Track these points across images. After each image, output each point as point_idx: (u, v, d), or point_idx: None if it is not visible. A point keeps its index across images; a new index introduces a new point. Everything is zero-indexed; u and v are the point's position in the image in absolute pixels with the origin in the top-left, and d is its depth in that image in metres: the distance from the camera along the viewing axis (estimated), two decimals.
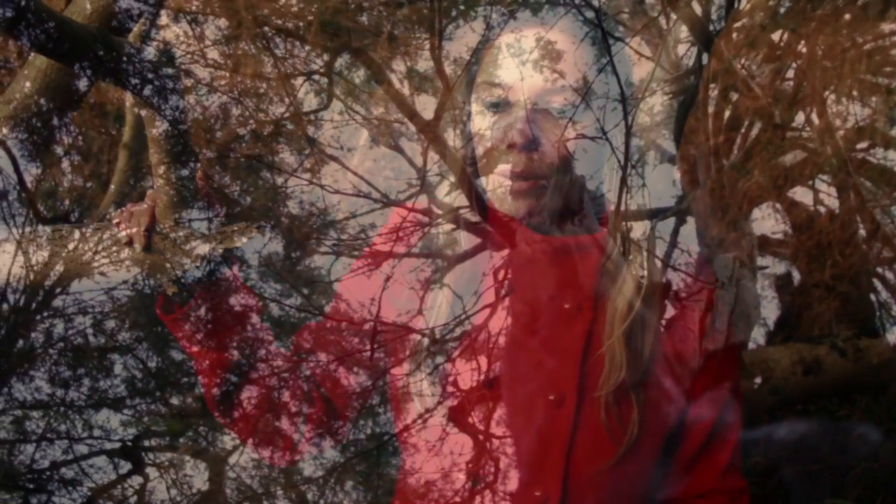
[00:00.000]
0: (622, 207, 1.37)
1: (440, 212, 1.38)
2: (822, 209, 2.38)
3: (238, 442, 2.57)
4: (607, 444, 1.19)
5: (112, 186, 1.38)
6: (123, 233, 1.22)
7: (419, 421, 1.31)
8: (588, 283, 1.27)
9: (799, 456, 1.82)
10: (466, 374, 1.31)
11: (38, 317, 2.55)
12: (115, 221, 1.22)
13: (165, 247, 1.20)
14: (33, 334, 2.55)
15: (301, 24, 2.20)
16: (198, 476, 2.61)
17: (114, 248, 1.23)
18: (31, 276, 2.53)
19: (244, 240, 1.22)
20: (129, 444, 2.58)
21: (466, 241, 1.37)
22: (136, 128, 1.40)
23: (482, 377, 1.29)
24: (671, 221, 2.52)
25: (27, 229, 2.41)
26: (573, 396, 1.20)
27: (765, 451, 1.81)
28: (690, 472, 1.24)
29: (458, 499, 1.29)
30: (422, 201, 1.41)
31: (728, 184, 2.23)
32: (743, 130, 2.36)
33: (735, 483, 1.25)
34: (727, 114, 2.34)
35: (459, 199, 1.35)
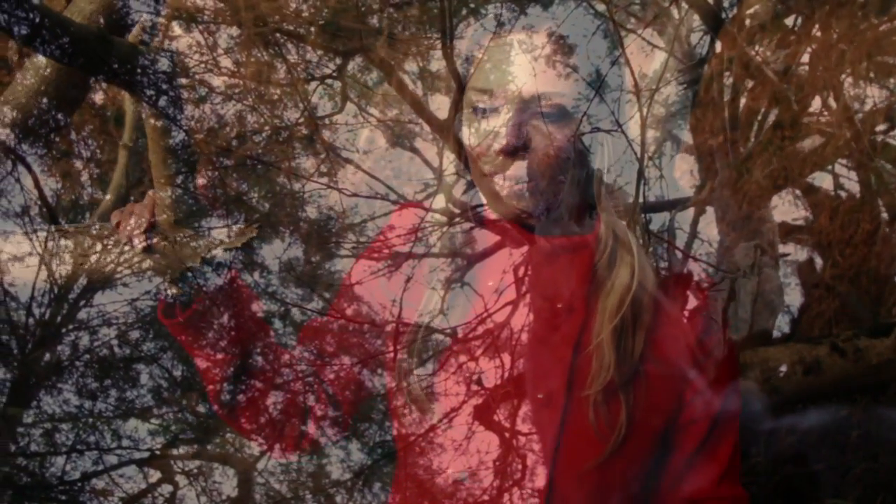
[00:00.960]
0: (640, 199, 1.37)
1: (458, 210, 1.38)
2: (842, 194, 2.36)
3: (265, 447, 2.58)
4: (595, 443, 1.18)
5: (111, 186, 1.39)
6: (123, 233, 1.21)
7: (443, 421, 1.32)
8: (580, 283, 1.26)
9: (828, 440, 1.81)
10: (490, 372, 1.31)
11: (64, 329, 2.57)
12: (114, 221, 1.22)
13: (165, 247, 1.20)
14: (59, 347, 2.58)
15: (312, 28, 2.21)
16: (227, 482, 2.63)
17: (114, 248, 1.23)
18: (56, 290, 2.55)
19: (244, 240, 1.21)
20: (158, 452, 2.60)
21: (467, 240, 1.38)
22: (136, 128, 1.40)
23: (496, 375, 1.29)
24: (690, 212, 2.52)
25: (49, 243, 2.43)
26: (561, 395, 1.19)
27: (798, 439, 1.80)
28: (685, 478, 1.22)
29: (453, 496, 1.30)
30: (439, 201, 1.41)
31: (746, 172, 2.22)
32: (759, 118, 2.35)
33: (733, 491, 1.21)
34: (743, 102, 2.33)
35: (457, 202, 1.36)
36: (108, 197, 1.38)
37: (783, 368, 1.76)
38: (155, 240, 1.21)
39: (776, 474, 1.77)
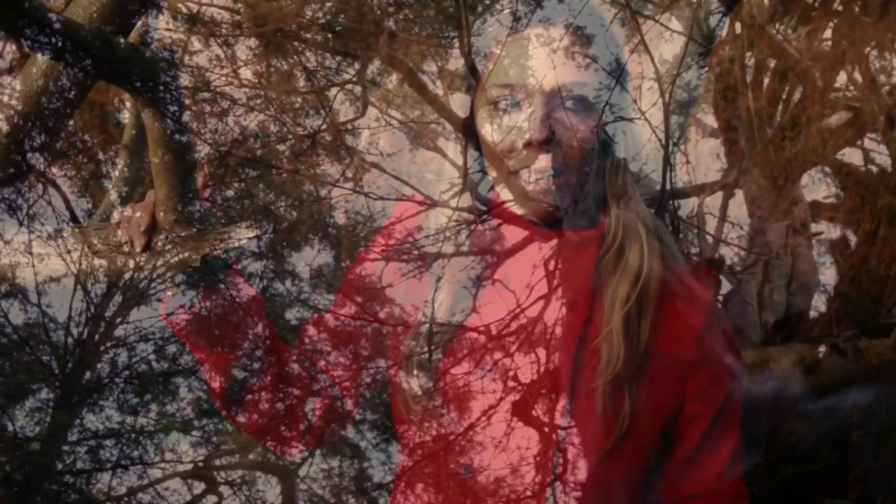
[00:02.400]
0: (667, 186, 1.36)
1: (482, 208, 1.37)
2: (873, 168, 2.33)
3: (307, 453, 2.60)
4: (600, 435, 1.18)
5: (112, 186, 1.39)
6: (123, 233, 1.22)
7: (484, 418, 1.32)
8: (585, 277, 1.26)
9: (872, 420, 1.80)
10: (526, 367, 1.30)
11: (102, 347, 2.60)
12: (115, 222, 1.22)
13: (165, 247, 1.20)
14: (99, 365, 2.61)
15: (330, 35, 2.22)
16: (270, 490, 2.65)
17: (114, 249, 1.24)
18: (92, 309, 2.58)
19: (243, 240, 1.21)
20: (201, 464, 2.63)
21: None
22: (136, 128, 1.41)
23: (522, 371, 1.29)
24: (719, 196, 2.50)
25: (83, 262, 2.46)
26: (566, 389, 1.20)
27: (841, 420, 1.79)
28: (687, 472, 1.21)
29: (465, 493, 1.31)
30: (465, 199, 1.41)
31: (774, 152, 2.20)
32: (784, 96, 2.32)
33: (734, 486, 1.21)
34: (766, 81, 2.30)
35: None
36: (107, 197, 1.39)
37: (822, 350, 1.75)
38: (155, 240, 1.21)
39: (776, 474, 1.77)
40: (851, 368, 1.73)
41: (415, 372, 1.35)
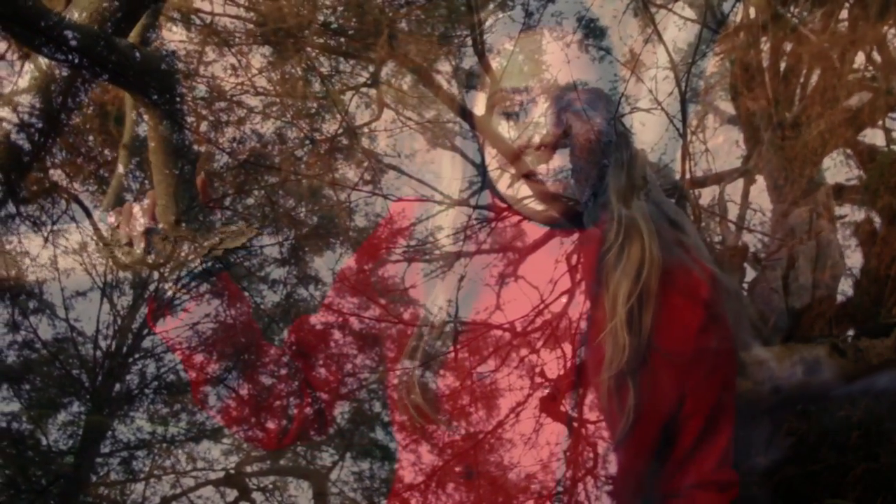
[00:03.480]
0: (686, 175, 1.35)
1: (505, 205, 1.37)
2: None
3: (337, 457, 2.61)
4: (606, 429, 1.20)
5: (111, 186, 1.39)
6: (123, 233, 1.22)
7: (512, 416, 1.32)
8: (586, 275, 1.26)
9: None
10: (552, 363, 1.30)
11: (131, 359, 2.62)
12: (114, 222, 1.23)
13: (165, 247, 1.20)
14: (128, 377, 2.63)
15: (343, 39, 2.22)
16: (302, 495, 2.66)
17: (114, 249, 1.24)
18: (119, 321, 2.61)
19: (243, 241, 1.21)
20: (233, 471, 2.64)
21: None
22: (135, 128, 1.41)
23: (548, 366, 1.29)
24: (740, 183, 2.48)
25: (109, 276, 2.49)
26: (568, 386, 1.22)
27: (869, 405, 1.79)
28: (686, 464, 1.24)
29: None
30: (484, 197, 1.41)
31: (793, 136, 2.18)
32: (801, 79, 2.30)
33: (726, 475, 1.25)
34: (783, 65, 2.28)
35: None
36: (107, 197, 1.39)
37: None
38: (154, 240, 1.22)
39: (776, 474, 1.77)
40: (851, 368, 1.73)
41: (419, 374, 1.36)
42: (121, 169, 1.45)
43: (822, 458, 1.78)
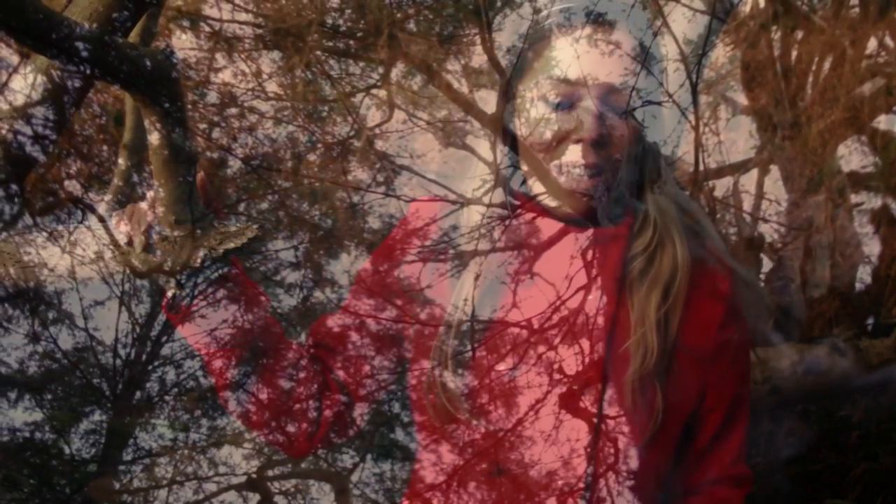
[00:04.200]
0: (700, 167, 1.34)
1: (517, 203, 1.37)
2: None
3: (358, 458, 2.61)
4: (632, 430, 1.20)
5: (111, 186, 1.39)
6: (123, 233, 1.22)
7: (532, 413, 1.31)
8: (608, 274, 1.26)
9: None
10: (570, 359, 1.30)
11: (150, 367, 2.64)
12: (115, 222, 1.23)
13: (165, 247, 1.20)
14: (148, 384, 2.64)
15: (351, 42, 2.23)
16: (324, 497, 2.67)
17: (113, 249, 1.24)
18: (138, 330, 2.62)
19: (243, 240, 1.21)
20: (254, 476, 2.65)
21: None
22: (136, 128, 1.41)
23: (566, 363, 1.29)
24: (754, 173, 2.47)
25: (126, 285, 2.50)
26: (597, 385, 1.21)
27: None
28: (705, 459, 1.25)
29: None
30: (498, 195, 1.41)
31: (806, 125, 2.17)
32: (813, 67, 2.29)
33: (742, 470, 1.26)
34: (794, 54, 2.27)
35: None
36: (107, 196, 1.39)
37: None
38: (155, 239, 1.22)
39: (776, 474, 1.77)
40: (851, 368, 1.73)
41: (447, 373, 1.36)
42: (121, 168, 1.45)
43: (822, 458, 1.79)
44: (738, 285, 1.26)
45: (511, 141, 1.30)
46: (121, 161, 1.47)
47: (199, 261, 1.20)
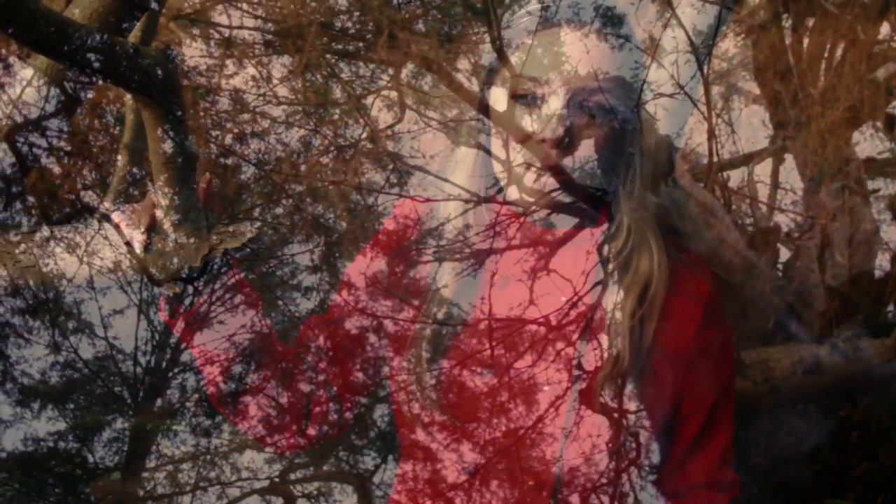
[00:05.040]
0: (714, 158, 1.34)
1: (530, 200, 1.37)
2: None
3: (380, 460, 2.62)
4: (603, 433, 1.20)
5: (112, 186, 1.39)
6: (123, 233, 1.22)
7: (552, 410, 1.31)
8: (585, 275, 1.27)
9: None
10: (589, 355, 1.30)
11: (171, 373, 2.65)
12: (115, 222, 1.23)
13: (164, 247, 1.20)
14: (169, 391, 2.66)
15: (361, 44, 2.23)
16: (346, 499, 2.67)
17: (114, 249, 1.25)
18: (157, 337, 2.64)
19: (243, 240, 1.21)
20: (277, 479, 2.66)
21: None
22: (136, 128, 1.41)
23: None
24: (769, 162, 2.45)
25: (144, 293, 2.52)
26: (567, 388, 1.22)
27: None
28: (686, 464, 1.24)
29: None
30: (512, 192, 1.41)
31: (820, 112, 2.15)
32: (826, 54, 2.27)
33: (727, 475, 1.25)
34: (806, 41, 2.26)
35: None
36: (107, 197, 1.40)
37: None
38: (155, 239, 1.22)
39: (776, 474, 1.76)
40: (851, 368, 1.73)
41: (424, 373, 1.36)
42: (121, 168, 1.45)
43: (822, 458, 1.79)
44: (720, 289, 1.27)
45: (522, 137, 1.30)
46: (121, 161, 1.47)
47: (199, 260, 1.20)
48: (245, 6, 2.28)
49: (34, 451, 2.46)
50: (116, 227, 1.24)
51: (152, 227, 1.22)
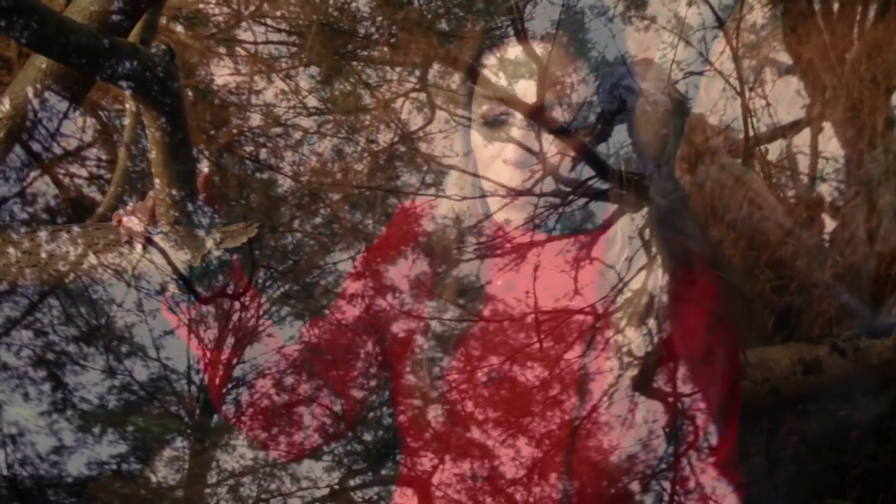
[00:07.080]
0: (750, 133, 1.32)
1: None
2: None
3: (437, 460, 2.62)
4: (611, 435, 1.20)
5: (112, 186, 1.40)
6: (124, 233, 1.22)
7: (603, 402, 1.31)
8: (590, 282, 1.26)
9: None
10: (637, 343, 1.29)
11: (224, 389, 2.68)
12: (115, 221, 1.23)
13: (166, 247, 1.21)
14: (224, 407, 2.69)
15: (386, 49, 2.24)
16: (407, 501, 2.68)
17: (113, 249, 1.25)
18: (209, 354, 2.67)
19: (242, 239, 1.21)
20: (337, 487, 2.68)
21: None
22: (136, 128, 1.41)
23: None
24: (807, 132, 2.41)
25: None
26: (573, 391, 1.22)
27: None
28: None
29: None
30: (549, 185, 1.41)
31: (859, 77, 2.11)
32: (858, 18, 2.23)
33: (732, 479, 1.24)
34: (836, 7, 2.22)
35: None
36: (107, 197, 1.40)
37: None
38: (156, 239, 1.23)
39: (776, 474, 1.74)
40: (851, 368, 1.72)
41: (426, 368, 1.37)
42: (121, 168, 1.46)
43: (822, 458, 1.77)
44: (724, 291, 1.27)
45: (554, 127, 1.30)
46: (121, 160, 1.48)
47: (199, 260, 1.21)
48: (269, 21, 2.30)
49: (98, 474, 2.50)
50: (117, 226, 1.25)
51: (153, 227, 1.23)
